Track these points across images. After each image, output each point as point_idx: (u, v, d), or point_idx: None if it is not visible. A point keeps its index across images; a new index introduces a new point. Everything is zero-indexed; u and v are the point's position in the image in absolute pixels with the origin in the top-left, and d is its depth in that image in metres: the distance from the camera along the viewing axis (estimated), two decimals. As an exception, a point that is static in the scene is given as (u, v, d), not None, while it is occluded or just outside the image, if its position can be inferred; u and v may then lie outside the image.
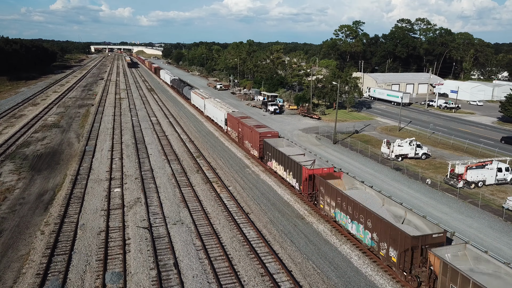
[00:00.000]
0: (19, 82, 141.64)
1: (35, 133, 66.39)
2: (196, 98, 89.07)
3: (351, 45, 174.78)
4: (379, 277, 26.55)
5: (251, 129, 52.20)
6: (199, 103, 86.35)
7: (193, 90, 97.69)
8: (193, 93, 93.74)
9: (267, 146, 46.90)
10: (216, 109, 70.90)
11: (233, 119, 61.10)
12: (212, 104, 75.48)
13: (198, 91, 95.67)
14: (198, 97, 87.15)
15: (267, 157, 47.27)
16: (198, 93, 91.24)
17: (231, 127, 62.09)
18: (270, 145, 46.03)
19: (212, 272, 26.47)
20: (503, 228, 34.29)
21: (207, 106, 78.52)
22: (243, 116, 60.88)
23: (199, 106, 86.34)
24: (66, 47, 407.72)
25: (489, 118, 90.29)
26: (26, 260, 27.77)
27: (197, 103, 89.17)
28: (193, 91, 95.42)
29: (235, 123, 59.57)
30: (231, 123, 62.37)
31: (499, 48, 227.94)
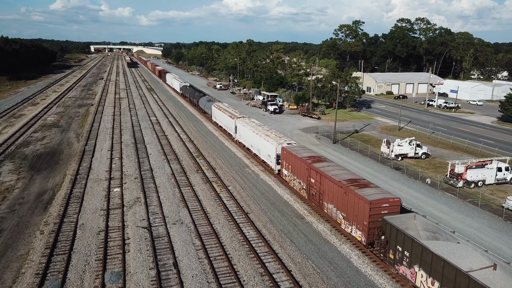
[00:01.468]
0: (19, 82, 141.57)
1: (35, 133, 66.34)
2: (221, 115, 68.14)
3: (351, 44, 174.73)
4: (378, 277, 26.52)
5: (346, 191, 30.92)
6: (225, 122, 65.28)
7: (215, 104, 76.11)
8: (215, 108, 72.62)
9: (392, 230, 26.13)
10: (258, 137, 49.91)
11: (295, 159, 39.71)
12: (249, 128, 53.85)
13: (222, 105, 73.28)
14: (223, 115, 66.36)
15: (396, 254, 25.89)
16: (223, 109, 68.81)
17: (291, 171, 40.87)
18: (400, 230, 25.49)
19: (212, 271, 26.44)
20: (503, 228, 34.27)
21: (241, 129, 57.22)
22: (315, 157, 38.94)
23: (226, 127, 65.15)
24: (66, 47, 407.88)
25: (489, 118, 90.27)
26: (26, 260, 27.73)
27: (222, 121, 67.97)
28: (215, 105, 74.20)
29: (301, 168, 38.50)
30: (290, 163, 40.94)
31: (499, 47, 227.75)
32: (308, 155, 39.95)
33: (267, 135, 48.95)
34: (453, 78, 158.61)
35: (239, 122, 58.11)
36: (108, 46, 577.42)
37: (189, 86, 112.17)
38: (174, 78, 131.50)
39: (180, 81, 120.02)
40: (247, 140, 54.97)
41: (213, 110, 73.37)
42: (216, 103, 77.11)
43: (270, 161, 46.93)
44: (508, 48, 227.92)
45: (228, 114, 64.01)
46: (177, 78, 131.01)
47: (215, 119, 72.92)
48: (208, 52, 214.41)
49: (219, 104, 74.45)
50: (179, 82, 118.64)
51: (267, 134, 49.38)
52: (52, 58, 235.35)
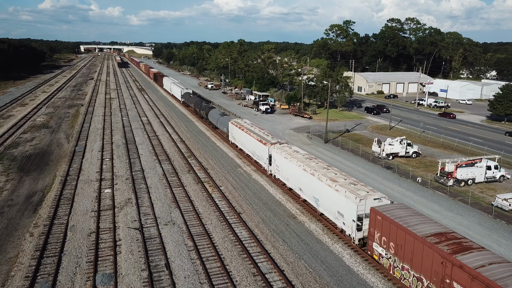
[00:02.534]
0: (7, 82, 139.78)
1: (24, 134, 65.52)
2: (244, 137, 52.33)
3: (342, 44, 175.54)
4: (370, 275, 26.66)
5: None
6: (252, 147, 49.63)
7: (234, 121, 58.64)
8: (234, 126, 56.23)
9: None
10: (318, 180, 34.01)
11: (406, 236, 24.69)
12: (296, 163, 37.98)
13: (244, 123, 56.29)
14: (248, 137, 50.44)
15: None
16: (247, 129, 52.35)
17: (395, 251, 25.82)
18: None
19: (204, 272, 26.35)
20: (492, 226, 34.67)
21: (281, 162, 41.37)
22: (449, 236, 23.79)
23: (253, 154, 49.65)
24: (55, 46, 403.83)
25: (478, 117, 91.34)
26: (15, 263, 27.37)
27: (246, 145, 52.08)
28: (234, 122, 57.48)
29: (423, 255, 23.49)
30: (390, 238, 26.18)
31: (488, 47, 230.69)
32: (431, 229, 24.31)
33: (333, 180, 32.41)
34: (443, 77, 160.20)
35: (276, 151, 42.47)
36: (98, 46, 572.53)
37: (193, 94, 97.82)
38: (173, 83, 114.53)
39: (181, 87, 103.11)
40: (293, 179, 38.81)
41: (231, 128, 57.57)
42: (235, 120, 59.00)
43: (342, 222, 30.83)
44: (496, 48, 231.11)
45: (257, 137, 47.98)
46: (176, 83, 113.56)
47: (233, 139, 57.28)
48: (199, 52, 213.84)
49: (239, 122, 57.65)
50: (180, 88, 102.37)
51: (332, 178, 32.76)
52: (41, 58, 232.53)
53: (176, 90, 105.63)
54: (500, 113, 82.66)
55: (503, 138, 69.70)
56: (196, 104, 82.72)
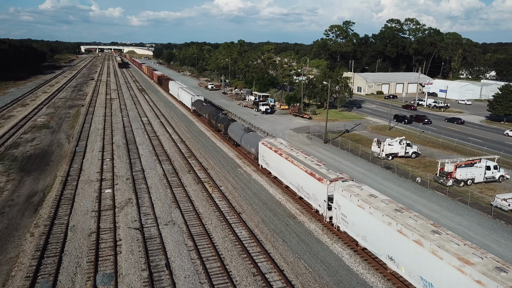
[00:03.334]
0: (8, 83, 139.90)
1: (24, 134, 65.63)
2: (284, 164, 40.57)
3: (342, 45, 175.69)
4: (370, 275, 26.76)
5: None
6: (297, 179, 38.11)
7: (266, 141, 46.88)
8: (268, 148, 44.65)
9: None
10: (418, 247, 23.18)
11: None
12: (382, 219, 26.52)
13: (282, 145, 44.79)
14: (291, 166, 38.86)
15: None
16: (288, 154, 40.88)
17: None
18: None
19: (204, 272, 26.45)
20: (491, 226, 34.77)
21: (354, 212, 29.52)
22: None
23: (297, 187, 38.21)
24: (56, 47, 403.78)
25: (478, 117, 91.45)
26: (16, 263, 27.47)
27: (287, 175, 40.49)
28: (266, 143, 45.76)
29: None
30: None
31: (487, 48, 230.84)
32: None
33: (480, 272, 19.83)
34: (442, 78, 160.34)
35: (341, 193, 30.61)
36: (98, 46, 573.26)
37: (206, 102, 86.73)
38: (181, 88, 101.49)
39: (191, 93, 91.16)
40: (387, 247, 26.07)
41: (263, 150, 46.21)
42: (268, 141, 46.66)
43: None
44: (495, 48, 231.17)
45: (305, 168, 36.30)
46: (185, 88, 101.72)
47: (265, 164, 45.95)
48: (199, 53, 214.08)
49: (274, 143, 45.31)
50: (190, 94, 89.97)
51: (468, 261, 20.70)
52: (41, 58, 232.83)
53: (185, 96, 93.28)
54: (499, 113, 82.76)
55: (503, 138, 69.78)
56: (212, 114, 70.60)
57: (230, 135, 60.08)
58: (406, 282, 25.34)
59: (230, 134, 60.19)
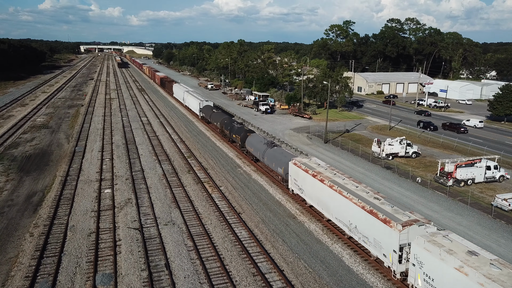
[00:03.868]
0: (7, 83, 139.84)
1: (24, 134, 65.56)
2: (323, 191, 33.21)
3: (342, 44, 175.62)
4: (370, 275, 26.70)
5: None
6: (345, 214, 30.50)
7: (300, 161, 38.04)
8: (302, 170, 36.54)
9: None
10: None
11: None
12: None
13: (319, 166, 36.77)
14: (336, 196, 31.38)
15: None
16: (329, 179, 33.15)
17: None
18: None
19: (204, 272, 26.38)
20: (492, 226, 34.70)
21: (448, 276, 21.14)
22: None
23: (354, 229, 29.63)
24: (55, 47, 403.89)
25: (478, 117, 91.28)
26: (15, 263, 27.40)
27: (329, 206, 32.80)
28: (299, 163, 37.48)
29: None
30: None
31: (487, 47, 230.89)
32: None
33: None
34: (443, 77, 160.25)
35: (424, 246, 23.12)
36: (98, 46, 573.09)
37: (216, 108, 79.33)
38: (187, 92, 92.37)
39: (199, 98, 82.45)
40: None
41: (294, 171, 37.97)
42: (301, 160, 38.16)
43: None
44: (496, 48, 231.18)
45: (361, 203, 28.60)
46: (191, 92, 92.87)
47: (298, 189, 37.73)
48: (199, 52, 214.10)
49: (309, 164, 36.91)
50: (198, 99, 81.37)
51: None
52: (41, 58, 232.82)
53: (192, 102, 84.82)
54: (499, 113, 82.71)
55: (503, 138, 69.69)
56: (224, 123, 62.54)
57: (249, 149, 51.61)
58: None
59: (248, 148, 51.76)
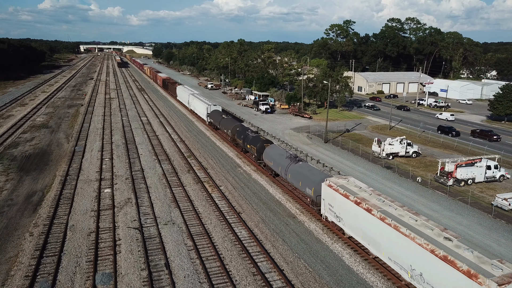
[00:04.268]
0: (7, 82, 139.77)
1: (24, 134, 65.51)
2: (371, 223, 26.86)
3: (342, 44, 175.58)
4: (370, 275, 26.65)
5: None
6: (396, 250, 24.96)
7: (337, 184, 31.49)
8: (340, 194, 30.36)
9: None
10: None
11: None
12: None
13: (361, 191, 30.21)
14: (390, 232, 24.99)
15: None
16: (380, 210, 26.66)
17: None
18: None
19: (204, 272, 26.33)
20: (492, 225, 34.66)
21: None
22: None
23: (418, 277, 23.08)
24: (55, 46, 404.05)
25: (478, 117, 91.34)
26: (15, 262, 27.35)
27: (380, 244, 26.48)
28: (336, 186, 31.24)
29: None
30: None
31: (488, 47, 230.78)
32: None
33: None
34: (443, 77, 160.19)
35: None
36: (98, 46, 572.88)
37: (226, 113, 72.47)
38: (192, 95, 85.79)
39: (206, 102, 75.77)
40: None
41: (330, 196, 31.77)
42: (335, 181, 32.31)
43: None
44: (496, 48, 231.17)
45: (430, 247, 22.31)
46: (197, 95, 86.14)
47: (335, 218, 31.54)
48: (199, 52, 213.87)
49: (347, 186, 31.03)
50: (206, 104, 74.67)
51: None
52: (41, 58, 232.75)
53: (199, 106, 78.75)
54: (500, 113, 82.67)
55: (503, 138, 69.60)
56: (237, 132, 55.96)
57: (267, 163, 45.33)
58: (407, 282, 25.17)
59: (266, 161, 45.42)
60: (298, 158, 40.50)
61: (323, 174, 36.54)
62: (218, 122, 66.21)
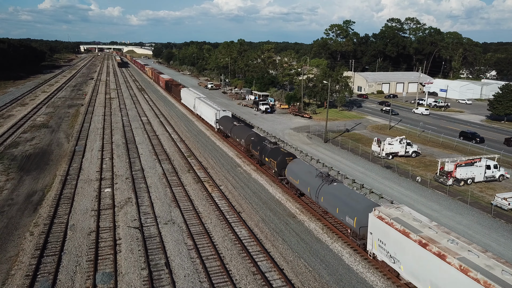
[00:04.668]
0: (7, 82, 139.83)
1: (24, 134, 65.56)
2: (445, 272, 20.84)
3: (342, 44, 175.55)
4: (370, 274, 26.71)
5: None
6: None
7: (389, 214, 25.88)
8: (397, 231, 24.28)
9: None
10: None
11: None
12: None
13: (431, 232, 23.39)
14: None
15: None
16: (453, 253, 20.99)
17: None
18: None
19: (204, 271, 26.39)
20: (491, 225, 34.72)
21: None
22: None
23: None
24: (55, 46, 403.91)
25: (478, 116, 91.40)
26: (15, 262, 27.41)
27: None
28: (389, 218, 25.30)
29: None
30: None
31: (487, 47, 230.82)
32: None
33: None
34: (443, 77, 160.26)
35: None
36: (98, 46, 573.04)
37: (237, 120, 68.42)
38: (199, 99, 79.54)
39: (215, 108, 69.18)
40: None
41: (382, 231, 26.09)
42: (387, 211, 26.54)
43: None
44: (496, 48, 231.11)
45: None
46: (203, 99, 79.79)
47: (389, 259, 25.75)
48: (199, 52, 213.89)
49: (403, 219, 25.33)
50: (214, 108, 68.68)
51: None
52: (41, 58, 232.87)
53: (206, 111, 72.18)
54: (499, 112, 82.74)
55: (503, 137, 69.68)
56: (251, 142, 49.83)
57: (291, 180, 39.37)
58: (407, 282, 25.23)
59: (290, 178, 39.47)
60: (331, 177, 34.68)
61: (368, 200, 30.84)
62: (229, 130, 59.54)
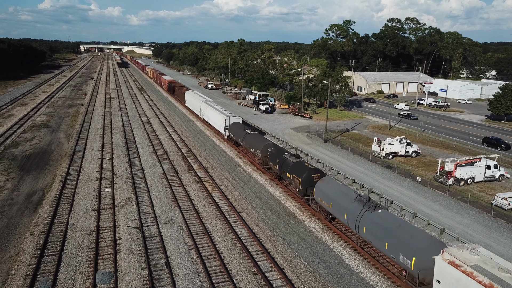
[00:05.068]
0: (7, 82, 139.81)
1: (24, 133, 65.56)
2: None
3: (342, 44, 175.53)
4: (370, 274, 26.72)
5: None
6: None
7: (466, 259, 19.98)
8: (465, 276, 19.11)
9: None
10: None
11: None
12: None
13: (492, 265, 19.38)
14: None
15: None
16: None
17: None
18: None
19: (204, 271, 26.39)
20: (492, 225, 34.73)
21: None
22: None
23: None
24: (55, 46, 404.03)
25: (478, 116, 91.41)
26: (15, 261, 27.41)
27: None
28: (469, 267, 19.38)
29: None
30: None
31: (487, 47, 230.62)
32: None
33: None
34: (443, 77, 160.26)
35: None
36: (98, 46, 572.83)
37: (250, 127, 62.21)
38: (205, 103, 73.47)
39: (223, 112, 63.53)
40: None
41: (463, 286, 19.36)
42: (464, 256, 20.27)
43: None
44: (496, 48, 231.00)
45: None
46: (210, 103, 73.28)
47: None
48: (199, 52, 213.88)
49: (486, 269, 19.17)
50: (223, 114, 62.36)
51: None
52: (41, 58, 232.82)
53: (214, 117, 66.64)
54: (499, 112, 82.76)
55: (503, 137, 69.66)
56: (270, 153, 44.58)
57: (321, 203, 33.76)
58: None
59: (321, 201, 33.63)
60: (373, 201, 29.14)
61: (428, 236, 25.18)
62: (241, 139, 53.76)
